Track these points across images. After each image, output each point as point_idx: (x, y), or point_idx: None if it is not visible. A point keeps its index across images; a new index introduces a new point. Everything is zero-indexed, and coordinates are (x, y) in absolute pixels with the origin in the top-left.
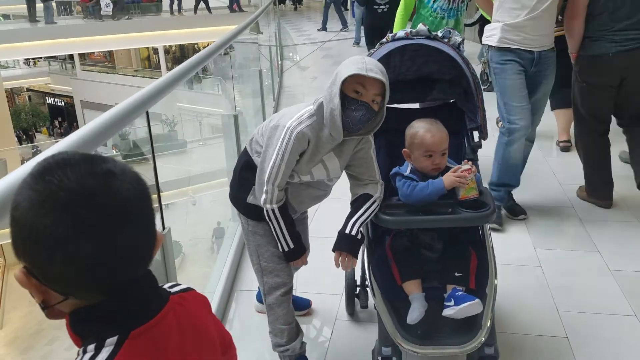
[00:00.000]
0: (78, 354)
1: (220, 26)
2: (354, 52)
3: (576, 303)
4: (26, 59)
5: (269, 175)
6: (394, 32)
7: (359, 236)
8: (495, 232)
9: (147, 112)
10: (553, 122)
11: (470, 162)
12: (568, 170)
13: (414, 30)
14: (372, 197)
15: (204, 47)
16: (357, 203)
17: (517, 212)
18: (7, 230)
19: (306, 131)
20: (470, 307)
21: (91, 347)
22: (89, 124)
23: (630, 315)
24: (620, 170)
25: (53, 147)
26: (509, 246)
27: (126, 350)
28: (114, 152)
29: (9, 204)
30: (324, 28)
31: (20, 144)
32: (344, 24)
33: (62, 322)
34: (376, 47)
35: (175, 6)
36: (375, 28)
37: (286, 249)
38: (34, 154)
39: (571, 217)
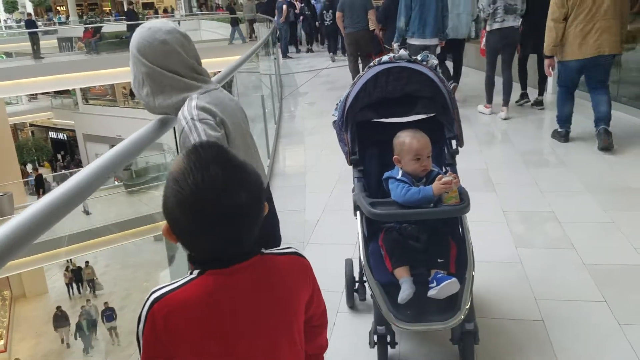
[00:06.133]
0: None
1: (219, 57)
2: (349, 77)
3: (552, 292)
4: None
5: None
6: None
7: None
8: (478, 233)
9: None
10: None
11: (454, 175)
12: (550, 179)
13: (396, 55)
14: None
15: None
16: None
17: None
18: (13, 263)
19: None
20: (449, 285)
21: (190, 272)
22: (94, 163)
23: (601, 301)
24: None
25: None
26: (492, 246)
27: (198, 280)
28: (116, 182)
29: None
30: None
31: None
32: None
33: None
34: (365, 69)
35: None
36: (327, 35)
37: None
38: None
39: (550, 220)
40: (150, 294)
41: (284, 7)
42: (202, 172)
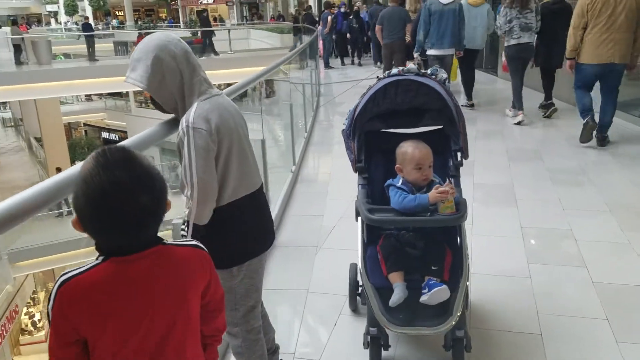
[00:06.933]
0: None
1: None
2: None
3: (555, 307)
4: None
5: None
6: None
7: None
8: (492, 246)
9: None
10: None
11: (451, 185)
12: (574, 197)
13: (405, 69)
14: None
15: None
16: None
17: None
18: (59, 256)
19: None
20: (440, 291)
21: (97, 258)
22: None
23: (602, 318)
24: (623, 198)
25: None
26: (504, 259)
27: (102, 266)
28: None
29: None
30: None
31: None
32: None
33: None
34: (375, 81)
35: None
36: (377, 46)
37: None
38: None
39: (566, 237)
40: (60, 276)
41: (329, 18)
42: (108, 174)
